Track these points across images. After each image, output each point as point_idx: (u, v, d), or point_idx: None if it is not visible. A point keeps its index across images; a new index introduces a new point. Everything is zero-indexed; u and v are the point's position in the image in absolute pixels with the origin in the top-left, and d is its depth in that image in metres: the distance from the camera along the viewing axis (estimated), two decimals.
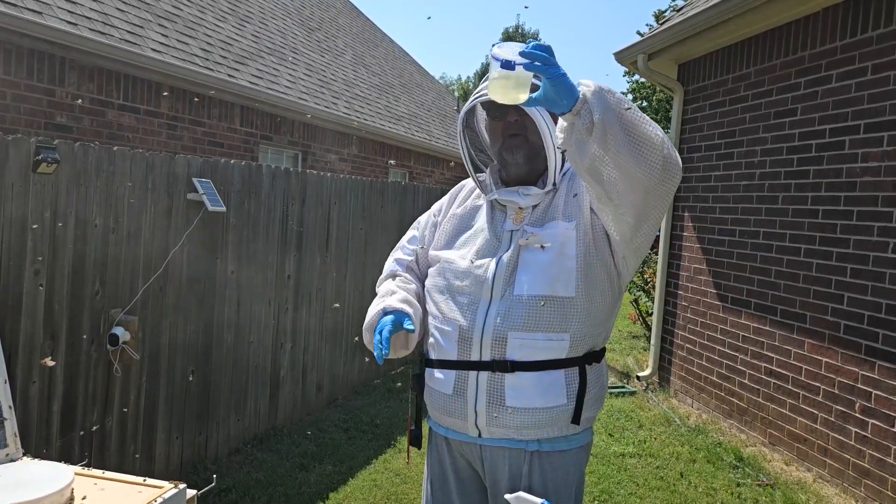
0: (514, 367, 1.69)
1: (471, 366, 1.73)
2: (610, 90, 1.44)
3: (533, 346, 1.69)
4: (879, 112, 3.76)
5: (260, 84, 6.97)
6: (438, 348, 1.82)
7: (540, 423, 1.71)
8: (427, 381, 1.87)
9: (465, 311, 1.76)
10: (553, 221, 1.77)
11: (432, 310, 1.87)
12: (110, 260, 3.18)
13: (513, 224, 1.80)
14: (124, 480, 1.67)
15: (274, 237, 4.38)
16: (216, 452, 4.00)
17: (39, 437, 2.90)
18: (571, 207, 1.77)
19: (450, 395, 1.77)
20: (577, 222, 1.74)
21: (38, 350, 2.86)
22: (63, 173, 2.91)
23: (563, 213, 1.77)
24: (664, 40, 5.36)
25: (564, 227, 1.75)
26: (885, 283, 3.65)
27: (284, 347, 4.58)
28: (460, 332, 1.75)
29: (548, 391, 1.70)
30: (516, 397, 1.70)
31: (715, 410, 5.17)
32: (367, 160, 9.54)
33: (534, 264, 1.72)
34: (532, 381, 1.70)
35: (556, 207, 1.79)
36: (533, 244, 1.74)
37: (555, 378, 1.71)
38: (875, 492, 3.64)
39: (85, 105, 5.13)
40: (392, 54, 15.06)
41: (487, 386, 1.71)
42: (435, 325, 1.85)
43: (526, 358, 1.69)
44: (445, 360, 1.79)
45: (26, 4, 4.52)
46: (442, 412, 1.82)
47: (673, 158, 1.50)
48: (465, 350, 1.74)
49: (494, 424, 1.72)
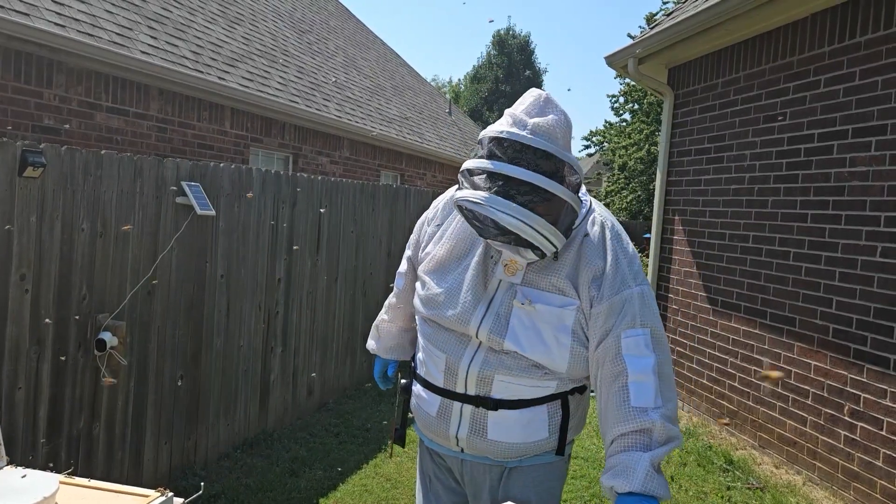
0: (498, 406, 1.68)
1: (455, 396, 1.72)
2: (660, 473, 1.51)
3: (518, 390, 1.67)
4: (867, 117, 3.78)
5: (250, 86, 6.94)
6: (426, 369, 1.81)
7: (519, 453, 1.72)
8: (414, 392, 1.88)
9: (454, 346, 1.72)
10: (552, 294, 1.64)
11: (424, 330, 1.84)
12: (98, 264, 3.16)
13: (504, 274, 1.68)
14: (110, 489, 1.65)
15: (264, 240, 4.36)
16: (205, 458, 3.97)
17: (25, 443, 2.87)
18: (574, 284, 1.63)
19: (434, 416, 1.77)
20: (578, 305, 1.63)
21: (24, 356, 2.83)
22: (49, 177, 2.89)
23: (563, 287, 1.64)
24: (655, 44, 5.38)
25: (564, 304, 1.63)
26: (872, 287, 3.67)
27: (275, 351, 4.56)
28: (447, 363, 1.73)
29: (528, 426, 1.70)
30: (498, 432, 1.69)
31: (705, 413, 5.18)
32: (358, 163, 9.52)
33: (525, 334, 1.64)
34: (514, 417, 1.69)
35: (557, 275, 1.64)
36: (529, 312, 1.63)
37: (537, 414, 1.69)
38: (864, 494, 3.65)
39: (73, 108, 5.09)
40: (384, 56, 15.05)
41: (471, 418, 1.71)
42: (425, 347, 1.82)
43: (510, 397, 1.68)
44: (432, 384, 1.78)
45: (13, 6, 4.48)
46: (426, 428, 1.83)
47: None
48: (451, 381, 1.72)
49: (476, 449, 1.73)
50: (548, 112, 1.58)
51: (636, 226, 16.59)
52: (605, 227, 1.69)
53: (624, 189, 19.61)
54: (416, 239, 2.01)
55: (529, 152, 1.50)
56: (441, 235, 1.83)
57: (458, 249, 1.78)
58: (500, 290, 1.69)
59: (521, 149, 1.51)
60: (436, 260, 1.80)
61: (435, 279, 1.78)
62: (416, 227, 2.02)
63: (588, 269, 1.63)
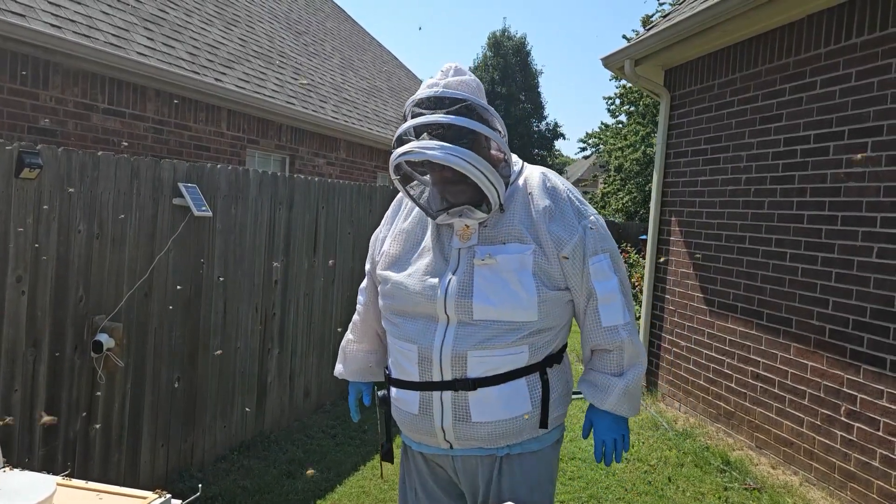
0: (476, 385, 1.70)
1: (433, 386, 1.74)
2: (634, 400, 1.84)
3: (492, 363, 1.70)
4: (863, 118, 3.79)
5: (247, 88, 6.94)
6: (400, 368, 1.82)
7: (507, 432, 1.73)
8: (393, 399, 1.88)
9: (423, 334, 1.74)
10: (509, 243, 1.73)
11: (391, 329, 1.86)
12: (94, 266, 3.15)
13: (459, 242, 1.76)
14: (108, 491, 1.65)
15: (261, 242, 4.36)
16: (202, 460, 3.96)
17: (22, 445, 2.85)
18: (528, 230, 1.73)
19: (416, 414, 1.78)
20: (535, 248, 1.71)
21: (21, 358, 2.82)
22: (46, 178, 2.88)
23: (518, 235, 1.73)
24: (651, 46, 5.39)
25: (522, 250, 1.71)
26: (869, 288, 3.68)
27: (272, 353, 4.55)
28: (420, 353, 1.74)
29: (510, 402, 1.72)
30: (481, 412, 1.71)
31: (702, 414, 5.19)
32: (354, 164, 9.52)
33: (491, 287, 1.69)
34: (495, 395, 1.71)
35: (509, 225, 1.74)
36: (490, 266, 1.70)
37: (516, 388, 1.72)
38: (861, 495, 3.66)
39: (69, 109, 5.08)
40: (380, 58, 15.06)
41: (452, 404, 1.72)
42: (395, 346, 1.84)
43: (486, 374, 1.70)
44: (408, 381, 1.79)
45: (9, 7, 4.47)
46: (411, 430, 1.83)
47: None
48: (427, 371, 1.74)
49: (463, 438, 1.74)
50: (458, 75, 1.76)
51: (632, 227, 16.60)
52: (542, 172, 1.83)
53: (620, 191, 19.64)
54: (371, 253, 2.06)
55: (447, 102, 1.65)
56: (392, 235, 1.92)
57: (409, 241, 1.87)
58: (462, 257, 1.75)
59: (438, 102, 1.66)
60: (391, 256, 1.88)
61: (395, 270, 1.85)
62: (371, 243, 2.08)
63: (541, 212, 1.74)
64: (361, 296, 2.11)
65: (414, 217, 1.90)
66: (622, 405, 1.80)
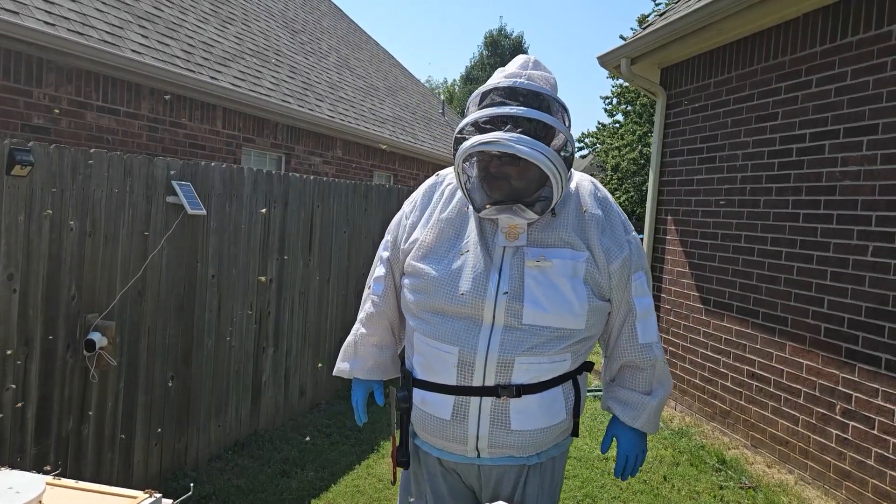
0: (521, 392, 1.63)
1: (472, 391, 1.63)
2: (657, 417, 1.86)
3: (539, 370, 1.63)
4: (858, 117, 3.79)
5: (242, 86, 6.91)
6: (430, 370, 1.70)
7: (542, 441, 1.69)
8: (416, 402, 1.74)
9: (465, 336, 1.63)
10: (561, 248, 1.65)
11: (423, 328, 1.71)
12: (87, 264, 3.13)
13: (506, 240, 1.65)
14: (97, 490, 1.63)
15: (256, 240, 4.34)
16: (196, 459, 3.94)
17: (13, 444, 2.84)
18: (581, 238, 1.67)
19: (447, 420, 1.67)
20: (588, 257, 1.66)
21: (12, 356, 2.80)
22: (38, 175, 2.86)
23: (571, 241, 1.66)
24: (647, 45, 5.39)
25: (576, 257, 1.64)
26: (864, 287, 3.68)
27: (266, 352, 4.54)
28: (460, 356, 1.63)
29: (550, 409, 1.67)
30: (522, 420, 1.64)
31: (698, 413, 5.19)
32: (350, 163, 9.50)
33: (543, 292, 1.61)
34: (536, 402, 1.65)
35: (562, 230, 1.66)
36: (543, 269, 1.62)
37: (555, 395, 1.68)
38: (856, 494, 3.66)
39: (63, 107, 5.05)
40: (377, 57, 15.03)
41: (491, 411, 1.63)
42: (426, 346, 1.70)
43: (531, 381, 1.63)
44: (440, 385, 1.67)
45: (3, 4, 4.45)
46: (436, 436, 1.71)
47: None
48: (467, 375, 1.63)
49: (497, 446, 1.66)
50: (539, 69, 1.71)
51: None
52: (591, 180, 1.80)
53: (617, 190, 19.66)
54: (393, 238, 1.90)
55: (530, 96, 1.58)
56: (427, 221, 1.77)
57: (447, 233, 1.73)
58: (507, 256, 1.65)
59: (522, 93, 1.59)
60: (426, 245, 1.74)
61: (430, 264, 1.70)
62: (391, 228, 1.93)
63: (592, 221, 1.69)
64: (377, 285, 1.92)
65: (454, 206, 1.75)
66: (650, 423, 1.84)
